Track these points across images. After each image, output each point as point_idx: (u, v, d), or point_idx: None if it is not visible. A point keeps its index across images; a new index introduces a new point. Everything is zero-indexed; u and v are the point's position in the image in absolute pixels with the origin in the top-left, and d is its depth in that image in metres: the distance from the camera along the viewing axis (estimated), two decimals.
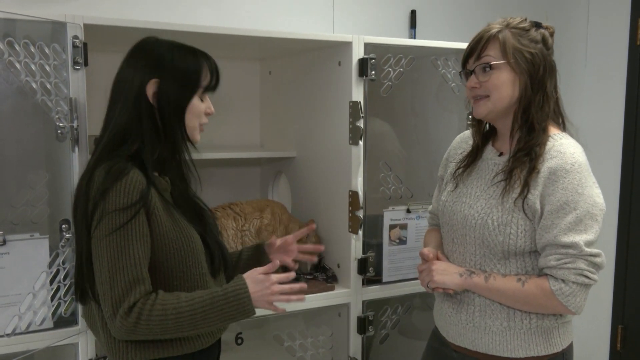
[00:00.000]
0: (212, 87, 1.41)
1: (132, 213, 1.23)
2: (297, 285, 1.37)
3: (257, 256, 1.62)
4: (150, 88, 1.32)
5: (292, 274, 1.40)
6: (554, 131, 1.45)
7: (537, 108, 1.42)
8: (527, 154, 1.41)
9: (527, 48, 1.41)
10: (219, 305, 1.28)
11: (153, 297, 1.24)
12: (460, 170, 1.57)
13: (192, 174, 1.42)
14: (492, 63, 1.42)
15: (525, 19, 1.46)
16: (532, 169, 1.39)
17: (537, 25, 1.45)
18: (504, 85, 1.42)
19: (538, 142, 1.41)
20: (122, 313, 1.21)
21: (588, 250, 1.34)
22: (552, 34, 1.47)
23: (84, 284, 1.33)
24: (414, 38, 2.67)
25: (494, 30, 1.43)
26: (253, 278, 1.33)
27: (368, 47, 1.91)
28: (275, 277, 1.34)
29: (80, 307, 1.57)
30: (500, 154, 1.51)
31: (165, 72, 1.32)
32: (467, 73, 1.48)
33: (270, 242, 1.64)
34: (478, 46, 1.44)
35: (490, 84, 1.43)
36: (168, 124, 1.34)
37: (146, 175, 1.29)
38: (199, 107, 1.38)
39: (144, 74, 1.32)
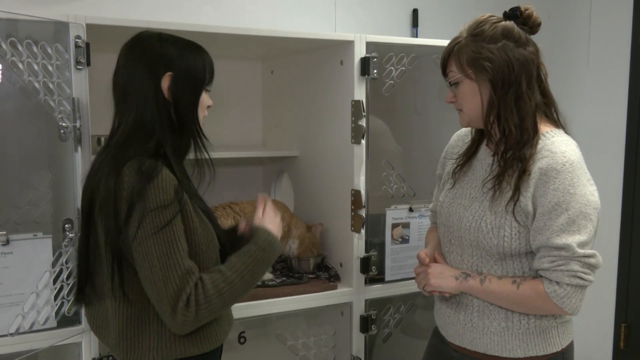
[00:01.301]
0: (211, 81, 1.44)
1: (175, 210, 1.25)
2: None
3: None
4: (165, 82, 1.33)
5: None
6: (545, 128, 1.42)
7: (509, 109, 1.38)
8: (516, 157, 1.39)
9: (483, 54, 1.38)
10: (260, 258, 1.36)
11: (199, 282, 1.26)
12: (458, 168, 1.56)
13: (208, 170, 1.42)
14: (451, 80, 1.44)
15: (491, 16, 1.42)
16: (523, 172, 1.37)
17: (510, 15, 1.42)
18: (469, 97, 1.43)
19: (523, 143, 1.38)
20: (182, 306, 1.22)
21: (581, 251, 1.32)
22: (528, 18, 1.42)
23: (89, 284, 1.33)
24: (416, 37, 2.67)
25: (452, 44, 1.44)
26: (268, 221, 1.45)
27: (370, 46, 1.91)
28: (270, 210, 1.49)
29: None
30: (494, 154, 1.49)
31: (177, 66, 1.34)
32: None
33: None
34: (442, 63, 1.46)
35: (459, 98, 1.45)
36: (183, 118, 1.36)
37: (172, 172, 1.30)
38: (205, 101, 1.41)
39: (157, 69, 1.33)
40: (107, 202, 1.26)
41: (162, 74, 1.33)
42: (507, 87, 1.38)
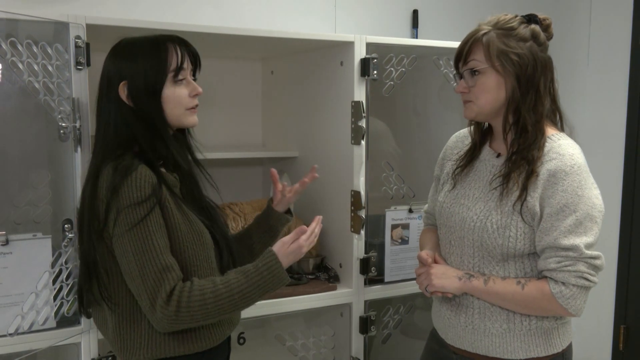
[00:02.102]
0: (184, 67, 1.36)
1: (149, 207, 1.25)
2: (313, 226, 1.43)
3: (267, 219, 1.66)
4: (122, 91, 1.33)
5: (317, 227, 1.45)
6: (551, 131, 1.43)
7: (529, 108, 1.39)
8: (523, 157, 1.39)
9: (513, 49, 1.38)
10: (255, 282, 1.31)
11: (189, 284, 1.26)
12: (459, 169, 1.56)
13: (201, 172, 1.43)
14: (475, 69, 1.41)
15: (516, 16, 1.43)
16: (531, 173, 1.37)
17: (530, 19, 1.43)
18: (489, 90, 1.41)
19: (535, 144, 1.39)
20: (161, 303, 1.23)
21: (588, 252, 1.33)
22: (547, 27, 1.44)
23: (91, 288, 1.34)
24: (416, 38, 2.67)
25: (479, 33, 1.41)
26: (284, 252, 1.37)
27: (370, 46, 1.91)
28: (304, 238, 1.40)
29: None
30: (498, 155, 1.49)
31: (129, 72, 1.33)
32: (459, 76, 1.47)
33: (273, 196, 1.69)
34: (464, 50, 1.43)
35: (477, 88, 1.42)
36: (150, 120, 1.35)
37: (155, 172, 1.30)
38: (176, 94, 1.35)
39: (114, 78, 1.33)
40: (85, 207, 1.29)
41: (117, 85, 1.33)
42: (529, 86, 1.39)
